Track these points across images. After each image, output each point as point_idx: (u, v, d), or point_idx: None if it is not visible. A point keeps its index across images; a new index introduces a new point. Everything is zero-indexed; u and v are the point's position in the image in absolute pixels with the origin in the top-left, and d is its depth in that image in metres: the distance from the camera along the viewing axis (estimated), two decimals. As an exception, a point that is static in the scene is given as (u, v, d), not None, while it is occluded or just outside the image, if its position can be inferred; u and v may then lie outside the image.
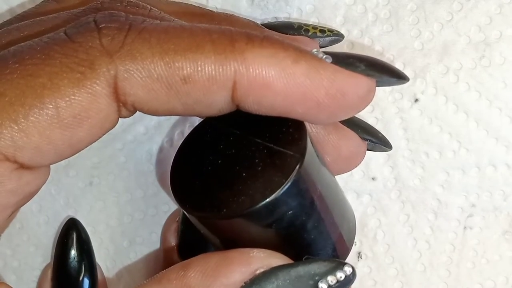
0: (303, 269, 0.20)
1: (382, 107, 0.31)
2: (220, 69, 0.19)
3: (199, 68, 0.19)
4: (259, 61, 0.20)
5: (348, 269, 0.20)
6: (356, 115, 0.28)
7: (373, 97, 0.22)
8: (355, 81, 0.21)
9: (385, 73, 0.22)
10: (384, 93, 0.31)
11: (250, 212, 0.19)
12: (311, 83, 0.20)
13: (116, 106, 0.20)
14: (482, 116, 0.31)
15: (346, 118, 0.22)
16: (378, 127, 0.31)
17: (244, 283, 0.20)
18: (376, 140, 0.27)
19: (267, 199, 0.19)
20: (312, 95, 0.20)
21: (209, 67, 0.19)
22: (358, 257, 0.33)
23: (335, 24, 0.31)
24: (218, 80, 0.20)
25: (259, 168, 0.20)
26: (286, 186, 0.19)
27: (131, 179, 0.31)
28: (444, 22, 0.30)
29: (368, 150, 0.27)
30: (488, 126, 0.31)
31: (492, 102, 0.31)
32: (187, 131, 0.31)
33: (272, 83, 0.20)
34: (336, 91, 0.20)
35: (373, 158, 0.32)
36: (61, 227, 0.31)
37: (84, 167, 0.31)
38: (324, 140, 0.24)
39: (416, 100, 0.31)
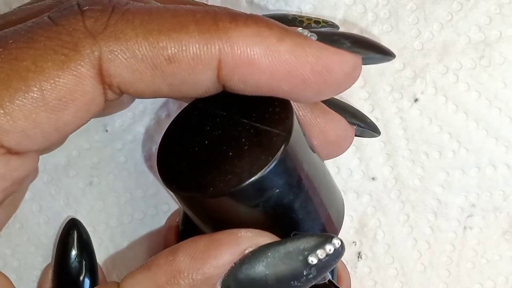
0: (292, 245, 0.20)
1: (382, 107, 0.31)
2: (205, 48, 0.19)
3: (184, 48, 0.19)
4: (243, 40, 0.20)
5: (336, 242, 0.20)
6: (345, 101, 0.28)
7: (359, 74, 0.22)
8: (341, 58, 0.21)
9: (370, 49, 0.22)
10: (384, 93, 0.31)
11: (236, 191, 0.19)
12: (296, 60, 0.20)
13: (102, 88, 0.20)
14: (482, 116, 0.31)
15: (333, 95, 0.22)
16: (378, 126, 0.31)
17: (234, 263, 0.20)
18: (364, 125, 0.27)
19: (254, 177, 0.19)
20: (298, 72, 0.20)
21: (194, 47, 0.19)
22: (358, 257, 0.33)
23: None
24: (203, 59, 0.20)
25: (246, 148, 0.20)
26: (273, 164, 0.19)
27: (131, 179, 0.32)
28: (444, 22, 0.30)
29: (356, 136, 0.27)
30: (488, 126, 0.31)
31: (492, 102, 0.31)
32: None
33: (257, 61, 0.20)
34: (321, 67, 0.20)
35: (373, 158, 0.32)
36: (61, 227, 0.31)
37: (84, 167, 0.31)
38: (311, 123, 0.24)
39: (416, 100, 0.31)
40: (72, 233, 0.30)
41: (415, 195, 0.32)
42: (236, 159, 0.20)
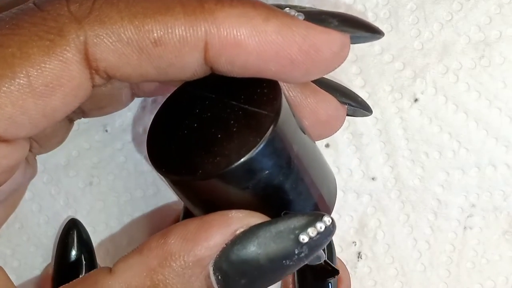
0: (283, 225, 0.20)
1: (382, 107, 0.31)
2: (191, 30, 0.19)
3: (170, 30, 0.19)
4: (229, 21, 0.20)
5: (327, 220, 0.20)
6: (336, 80, 0.28)
7: (347, 53, 0.22)
8: (328, 37, 0.21)
9: (359, 28, 0.22)
10: (384, 93, 0.31)
11: (226, 173, 0.19)
12: (284, 40, 0.20)
13: (89, 73, 0.20)
14: (482, 116, 0.31)
15: (322, 75, 0.22)
16: (378, 126, 0.31)
17: (225, 244, 0.20)
18: (355, 104, 0.27)
19: (243, 159, 0.19)
20: (285, 52, 0.20)
21: (180, 29, 0.19)
22: (358, 257, 0.33)
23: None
24: (189, 41, 0.20)
25: (234, 129, 0.20)
26: (261, 146, 0.19)
27: (131, 179, 0.31)
28: (444, 22, 0.30)
29: (349, 115, 0.27)
30: (488, 126, 0.31)
31: (492, 102, 0.31)
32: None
33: (244, 41, 0.20)
34: (309, 47, 0.20)
35: (373, 158, 0.32)
36: (61, 227, 0.31)
37: (84, 167, 0.31)
38: (302, 103, 0.24)
39: (416, 100, 0.31)
40: (72, 233, 0.30)
41: (415, 195, 0.32)
42: (225, 141, 0.20)
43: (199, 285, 0.20)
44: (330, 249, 0.31)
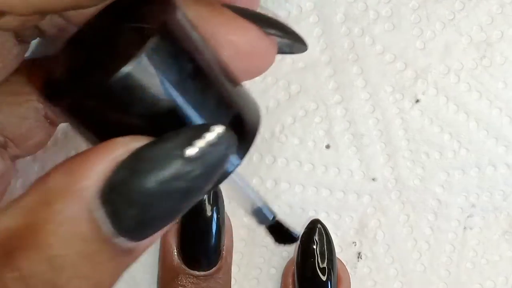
0: (167, 142, 0.18)
1: (383, 108, 0.31)
2: None
3: None
4: None
5: (218, 129, 0.18)
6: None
7: None
8: None
9: None
10: (385, 94, 0.31)
11: (107, 88, 0.18)
12: None
13: None
14: (482, 116, 0.31)
15: None
16: (379, 127, 0.31)
17: (110, 172, 0.18)
18: (283, 34, 0.23)
19: (121, 70, 0.18)
20: None
21: None
22: (358, 257, 0.33)
23: (335, 21, 0.30)
24: None
25: (120, 49, 0.19)
26: (139, 58, 0.18)
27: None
28: (446, 21, 0.30)
29: (285, 53, 0.24)
30: (488, 126, 0.31)
31: (493, 102, 0.31)
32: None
33: None
34: None
35: (374, 158, 0.31)
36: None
37: (81, 169, 0.31)
38: (214, 33, 0.22)
39: (417, 101, 0.31)
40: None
41: (415, 195, 0.32)
42: (110, 60, 0.19)
43: (84, 221, 0.18)
44: (330, 249, 0.31)
